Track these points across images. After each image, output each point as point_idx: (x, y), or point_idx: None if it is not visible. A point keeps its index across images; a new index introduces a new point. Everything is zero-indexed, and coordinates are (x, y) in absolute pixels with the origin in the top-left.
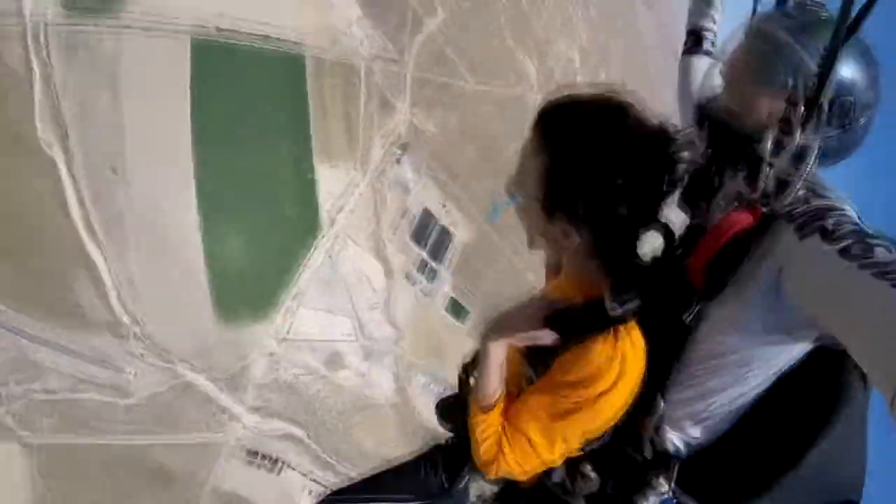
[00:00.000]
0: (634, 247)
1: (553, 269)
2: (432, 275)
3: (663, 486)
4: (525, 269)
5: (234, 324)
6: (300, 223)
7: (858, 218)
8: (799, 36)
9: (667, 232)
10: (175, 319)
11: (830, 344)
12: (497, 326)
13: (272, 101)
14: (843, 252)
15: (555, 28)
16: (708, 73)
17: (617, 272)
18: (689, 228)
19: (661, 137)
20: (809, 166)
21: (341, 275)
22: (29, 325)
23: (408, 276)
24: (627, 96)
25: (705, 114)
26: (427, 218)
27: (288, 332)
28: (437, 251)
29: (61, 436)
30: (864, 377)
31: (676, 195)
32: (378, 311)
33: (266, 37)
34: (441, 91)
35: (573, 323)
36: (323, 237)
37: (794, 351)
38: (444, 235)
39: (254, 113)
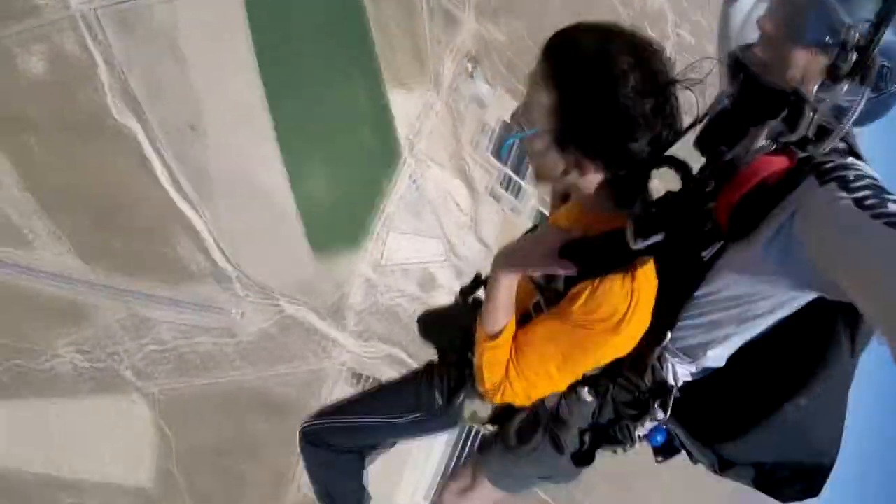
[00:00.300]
0: (646, 183)
1: (560, 198)
2: (517, 189)
3: (660, 413)
4: None
5: (329, 256)
6: (380, 151)
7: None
8: None
9: (683, 169)
10: (272, 258)
11: (831, 299)
12: (511, 255)
13: (333, 35)
14: (858, 202)
15: None
16: (746, 22)
17: (634, 207)
18: (722, 166)
19: (666, 73)
20: (853, 116)
21: (427, 197)
22: (136, 286)
23: (493, 193)
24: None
25: (740, 64)
26: (506, 131)
27: (381, 258)
28: (520, 165)
29: (178, 381)
30: (853, 344)
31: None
32: (466, 230)
33: None
34: None
35: (589, 255)
36: (405, 162)
37: (798, 300)
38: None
39: (317, 49)
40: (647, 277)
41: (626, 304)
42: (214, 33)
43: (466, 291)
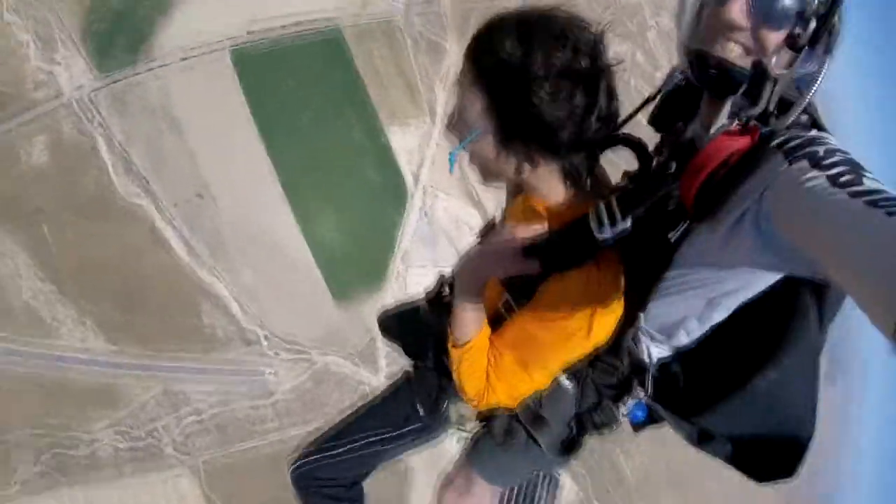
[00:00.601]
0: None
1: (513, 192)
2: None
3: (640, 391)
4: None
5: (352, 300)
6: (387, 188)
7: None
8: None
9: (639, 149)
10: (297, 313)
11: (798, 277)
12: (475, 261)
13: (323, 82)
14: (832, 179)
15: None
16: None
17: (596, 196)
18: (682, 146)
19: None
20: (817, 86)
21: (440, 227)
22: (165, 360)
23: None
24: (560, 9)
25: (697, 61)
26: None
27: (404, 294)
28: None
29: (220, 450)
30: (820, 317)
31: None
32: None
33: (297, 23)
34: (486, 16)
35: (553, 252)
36: (413, 196)
37: (767, 279)
38: None
39: (311, 98)
40: (612, 264)
41: (595, 296)
42: (208, 98)
43: (432, 294)
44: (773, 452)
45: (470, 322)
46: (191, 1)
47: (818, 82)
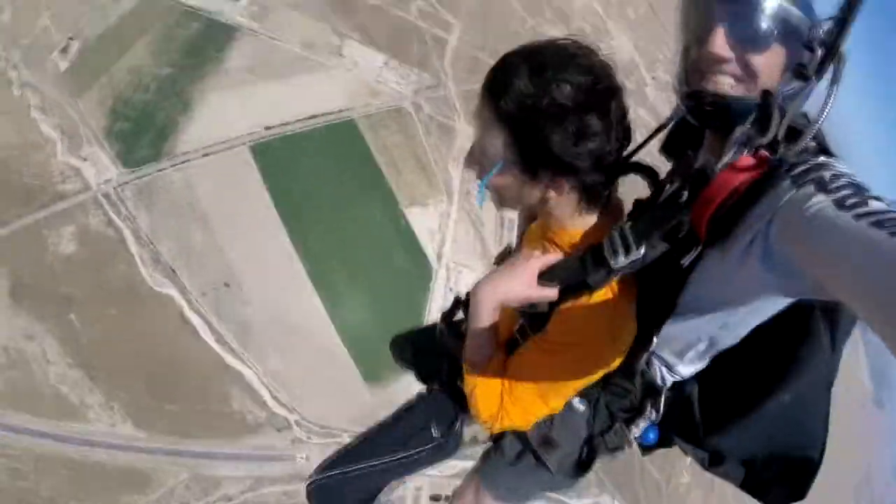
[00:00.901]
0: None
1: (528, 219)
2: None
3: (653, 413)
4: None
5: (382, 381)
6: (411, 269)
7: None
8: None
9: (651, 175)
10: (328, 396)
11: (809, 301)
12: (490, 287)
13: (342, 170)
14: (838, 202)
15: None
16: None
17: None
18: (693, 175)
19: (611, 77)
20: (825, 115)
21: None
22: (195, 446)
23: None
24: (579, 41)
25: (694, 102)
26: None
27: None
28: None
29: None
30: (833, 339)
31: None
32: None
33: (312, 116)
34: None
35: (568, 278)
36: (437, 274)
37: (778, 303)
38: None
39: (330, 186)
40: (626, 290)
41: (608, 322)
42: (231, 191)
43: (447, 316)
44: (784, 474)
45: (484, 346)
46: (210, 100)
47: (826, 111)
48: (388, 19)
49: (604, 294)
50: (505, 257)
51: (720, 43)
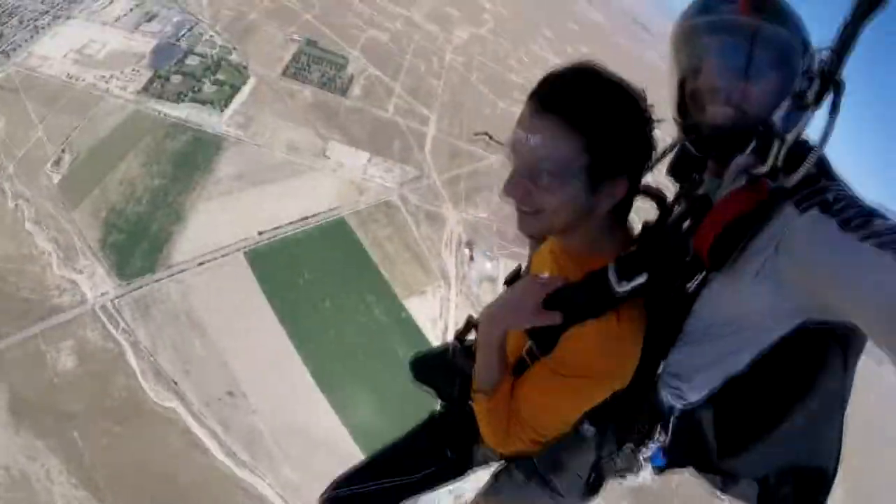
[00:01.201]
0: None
1: (538, 240)
2: None
3: (662, 436)
4: None
5: None
6: None
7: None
8: (780, 15)
9: (658, 199)
10: None
11: (816, 323)
12: (497, 313)
13: (337, 268)
14: (844, 224)
15: (528, 70)
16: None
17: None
18: (696, 200)
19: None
20: (824, 144)
21: None
22: None
23: None
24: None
25: (693, 133)
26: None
27: None
28: None
29: None
30: (845, 360)
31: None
32: None
33: (304, 218)
34: (471, 178)
35: (574, 303)
36: None
37: (785, 326)
38: None
39: (326, 286)
40: (633, 316)
41: (615, 346)
42: (228, 298)
43: (460, 335)
44: (799, 489)
45: (493, 370)
46: (202, 210)
47: (826, 140)
48: (368, 118)
49: (609, 319)
50: (514, 279)
51: (713, 75)
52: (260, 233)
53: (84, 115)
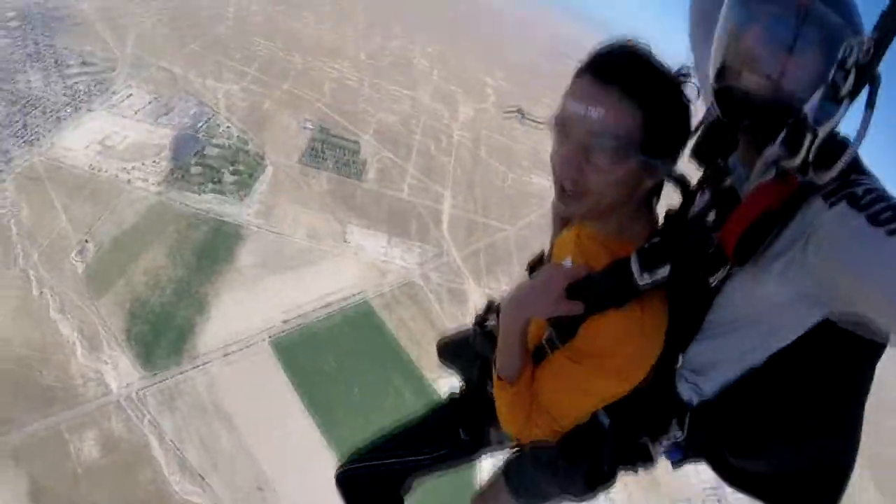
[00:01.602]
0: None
1: (561, 225)
2: None
3: (678, 431)
4: None
5: None
6: None
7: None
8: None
9: (682, 185)
10: None
11: (839, 319)
12: (519, 301)
13: (364, 353)
14: (872, 218)
15: (533, 138)
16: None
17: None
18: (722, 193)
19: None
20: (859, 142)
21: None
22: None
23: None
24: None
25: (729, 96)
26: None
27: None
28: None
29: None
30: (864, 360)
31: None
32: None
33: (327, 304)
34: (490, 252)
35: (596, 292)
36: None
37: (806, 322)
38: None
39: (354, 372)
40: (654, 307)
41: (635, 338)
42: (255, 389)
43: (481, 319)
44: (813, 484)
45: (514, 357)
46: (226, 299)
47: (862, 138)
48: (384, 200)
49: (633, 309)
50: (536, 264)
51: (754, 40)
52: (284, 321)
53: (107, 205)
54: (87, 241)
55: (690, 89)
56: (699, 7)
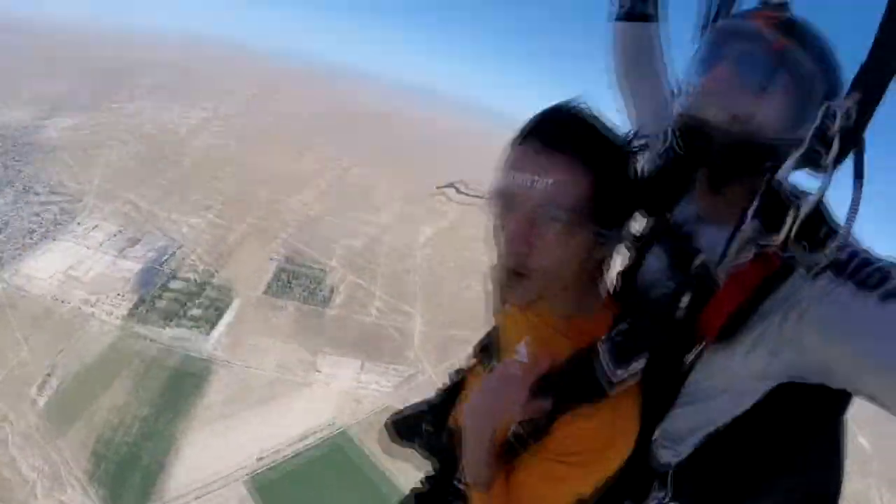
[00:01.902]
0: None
1: (499, 308)
2: None
3: (661, 492)
4: None
5: None
6: None
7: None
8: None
9: (634, 241)
10: None
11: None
12: (483, 411)
13: (346, 485)
14: (861, 284)
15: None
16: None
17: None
18: (697, 277)
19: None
20: (853, 219)
21: None
22: None
23: None
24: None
25: (691, 128)
26: None
27: None
28: None
29: None
30: (835, 411)
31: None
32: None
33: (303, 437)
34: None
35: (564, 389)
36: None
37: (773, 385)
38: None
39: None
40: (629, 391)
41: (615, 427)
42: None
43: (437, 413)
44: None
45: (482, 464)
46: (195, 438)
47: (854, 215)
48: (354, 325)
49: (603, 403)
50: (486, 348)
51: (722, 78)
52: (259, 458)
53: (70, 337)
54: (48, 374)
55: (639, 152)
56: (624, 56)
